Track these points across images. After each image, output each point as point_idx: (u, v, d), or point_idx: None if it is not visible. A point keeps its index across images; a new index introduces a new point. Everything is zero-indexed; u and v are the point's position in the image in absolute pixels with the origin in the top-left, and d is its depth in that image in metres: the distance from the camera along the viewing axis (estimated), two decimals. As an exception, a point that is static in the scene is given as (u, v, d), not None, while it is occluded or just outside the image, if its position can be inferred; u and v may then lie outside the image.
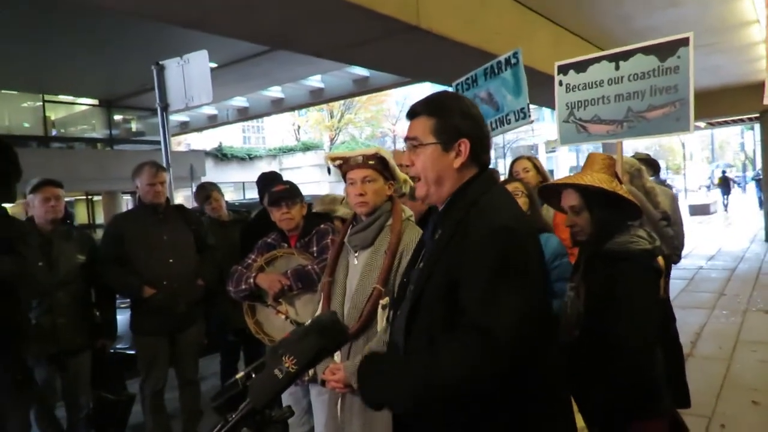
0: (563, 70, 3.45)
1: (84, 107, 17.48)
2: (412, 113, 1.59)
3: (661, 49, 3.05)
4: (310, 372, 2.11)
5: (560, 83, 3.46)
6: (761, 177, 16.60)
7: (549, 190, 2.32)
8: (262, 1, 4.14)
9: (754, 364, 4.79)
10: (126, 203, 18.54)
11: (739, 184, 35.53)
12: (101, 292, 3.55)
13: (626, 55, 3.17)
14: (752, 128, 29.17)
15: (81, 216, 18.26)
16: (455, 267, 1.41)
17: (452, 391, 1.36)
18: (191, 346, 3.62)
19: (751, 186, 29.10)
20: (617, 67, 3.20)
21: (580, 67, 3.37)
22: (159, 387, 3.53)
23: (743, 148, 46.48)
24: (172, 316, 3.42)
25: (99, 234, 11.73)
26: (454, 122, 1.52)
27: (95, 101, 16.89)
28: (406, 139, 1.59)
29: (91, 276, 3.42)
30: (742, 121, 17.24)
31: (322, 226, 2.88)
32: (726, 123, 18.00)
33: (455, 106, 1.55)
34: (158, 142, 5.27)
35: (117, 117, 17.80)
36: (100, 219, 18.58)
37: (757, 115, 13.06)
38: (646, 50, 3.10)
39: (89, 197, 18.91)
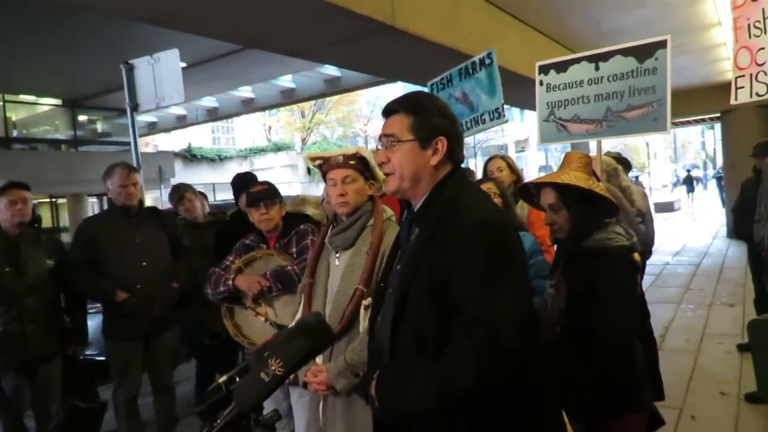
0: (544, 70, 3.51)
1: (47, 107, 16.97)
2: (389, 111, 1.60)
3: (640, 51, 3.14)
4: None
5: (541, 83, 3.52)
6: (722, 175, 17.16)
7: (528, 190, 2.34)
8: (239, 1, 4.08)
9: (720, 356, 4.95)
10: (92, 206, 18.09)
11: (701, 181, 36.87)
12: (71, 298, 3.44)
13: (606, 57, 3.25)
14: (713, 128, 30.16)
15: (45, 219, 17.73)
16: (441, 266, 1.42)
17: (469, 391, 1.36)
18: (167, 350, 3.54)
19: (713, 184, 30.14)
20: (597, 68, 3.28)
21: (561, 67, 3.43)
22: (133, 393, 3.44)
23: (704, 147, 48.07)
24: (147, 321, 3.35)
25: (64, 237, 11.42)
26: (432, 120, 1.54)
27: (58, 101, 16.40)
28: (383, 135, 1.59)
29: (60, 281, 3.32)
30: (703, 120, 17.78)
31: (301, 226, 2.85)
32: (688, 123, 18.54)
33: (432, 105, 1.58)
34: (125, 143, 5.19)
35: (82, 117, 17.31)
36: (65, 222, 18.08)
37: (718, 114, 13.49)
38: (624, 52, 3.18)
39: (53, 200, 18.38)
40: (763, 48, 2.88)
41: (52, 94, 15.82)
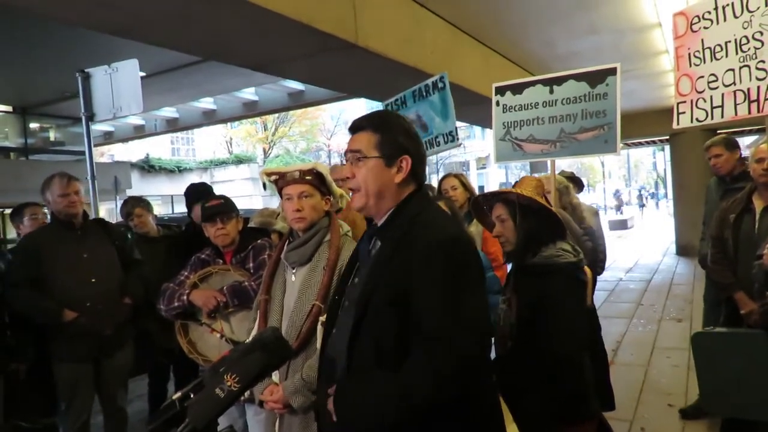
0: (500, 91, 3.64)
1: (-5, 114, 16.30)
2: (356, 127, 1.63)
3: (592, 77, 3.30)
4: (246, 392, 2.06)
5: (497, 103, 3.63)
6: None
7: (481, 206, 2.40)
8: (199, 12, 4.04)
9: (668, 369, 5.12)
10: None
11: (652, 197, 39.17)
12: (15, 313, 3.25)
13: (560, 81, 3.40)
14: (663, 149, 31.47)
15: (-10, 230, 16.94)
16: (403, 280, 1.43)
17: (427, 404, 1.38)
18: (119, 371, 3.38)
19: (664, 203, 31.61)
20: (551, 91, 3.42)
21: (517, 89, 3.57)
22: (83, 419, 3.24)
23: (655, 168, 50.11)
24: (98, 340, 3.19)
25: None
26: (398, 139, 1.58)
27: (8, 108, 15.78)
28: (349, 151, 1.61)
29: (3, 299, 3.14)
30: (654, 142, 18.53)
31: (258, 241, 2.82)
32: (640, 144, 19.29)
33: (399, 125, 1.62)
34: (79, 153, 5.05)
35: (33, 125, 16.68)
36: (12, 234, 17.29)
37: (668, 137, 14.08)
38: (578, 77, 3.34)
39: (0, 210, 17.59)
40: (702, 76, 3.05)
41: (1, 100, 15.21)
